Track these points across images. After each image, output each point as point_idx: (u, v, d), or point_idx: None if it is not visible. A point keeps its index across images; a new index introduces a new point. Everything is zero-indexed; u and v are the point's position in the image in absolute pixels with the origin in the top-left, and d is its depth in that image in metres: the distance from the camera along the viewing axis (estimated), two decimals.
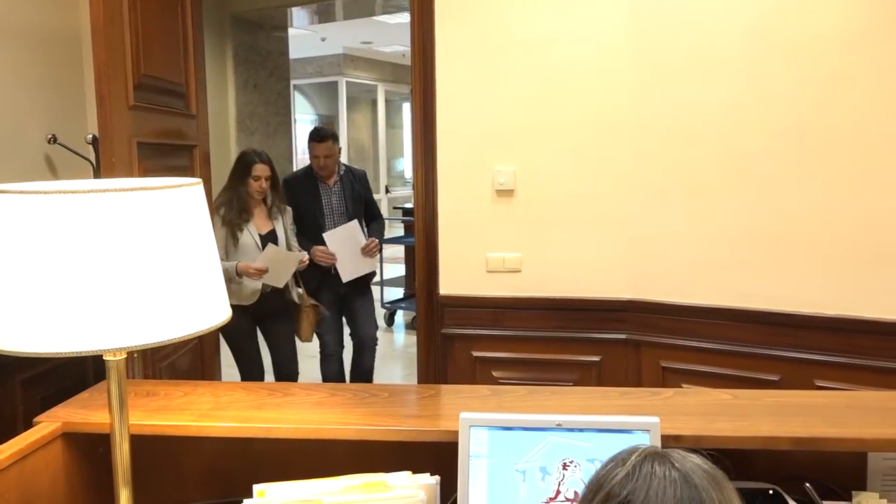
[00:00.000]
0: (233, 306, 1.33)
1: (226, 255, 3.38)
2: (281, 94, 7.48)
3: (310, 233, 3.75)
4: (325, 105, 12.62)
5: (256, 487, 1.34)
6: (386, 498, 1.30)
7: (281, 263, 3.50)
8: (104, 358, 1.21)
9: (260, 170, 3.44)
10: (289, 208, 3.71)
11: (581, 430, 1.34)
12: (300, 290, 3.66)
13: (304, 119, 12.90)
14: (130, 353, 1.62)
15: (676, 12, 2.70)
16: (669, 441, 1.36)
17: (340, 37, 10.19)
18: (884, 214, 2.54)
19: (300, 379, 4.08)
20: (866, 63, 2.50)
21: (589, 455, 1.33)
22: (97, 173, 3.04)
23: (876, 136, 2.50)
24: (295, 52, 8.60)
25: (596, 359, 2.88)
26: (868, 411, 1.58)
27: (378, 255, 4.14)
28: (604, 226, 2.86)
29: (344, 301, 3.96)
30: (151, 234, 1.13)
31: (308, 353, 4.31)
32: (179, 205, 1.18)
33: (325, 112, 12.71)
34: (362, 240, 3.83)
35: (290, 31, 8.06)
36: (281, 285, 3.51)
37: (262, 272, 3.37)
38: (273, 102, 7.36)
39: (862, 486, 1.48)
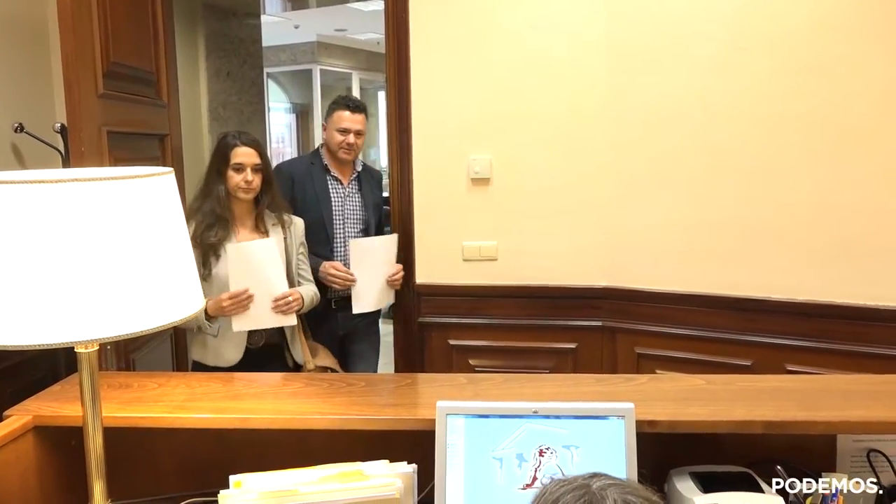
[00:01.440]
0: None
1: None
2: (254, 82, 7.39)
3: (310, 242, 2.64)
4: (299, 93, 12.50)
5: (233, 478, 1.33)
6: (362, 487, 1.30)
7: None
8: (76, 350, 1.20)
9: (242, 155, 2.36)
10: (298, 220, 2.56)
11: (557, 416, 1.35)
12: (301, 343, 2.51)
13: (277, 107, 12.79)
14: (103, 345, 1.60)
15: (652, 4, 2.71)
16: (644, 426, 1.37)
17: (314, 24, 10.09)
18: (853, 204, 2.59)
19: None
20: (837, 56, 2.53)
21: (565, 441, 1.34)
22: (66, 163, 2.98)
23: (846, 128, 2.53)
24: (268, 39, 8.49)
25: (572, 346, 2.90)
26: (837, 395, 1.61)
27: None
28: (579, 214, 2.88)
29: (343, 344, 2.90)
30: (123, 224, 1.12)
31: None
32: (151, 194, 1.17)
33: (300, 100, 12.60)
34: (393, 262, 2.78)
35: (263, 18, 7.96)
36: (290, 323, 2.39)
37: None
38: (246, 91, 7.27)
39: (831, 468, 1.51)
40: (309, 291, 2.49)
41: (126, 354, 2.64)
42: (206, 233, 2.33)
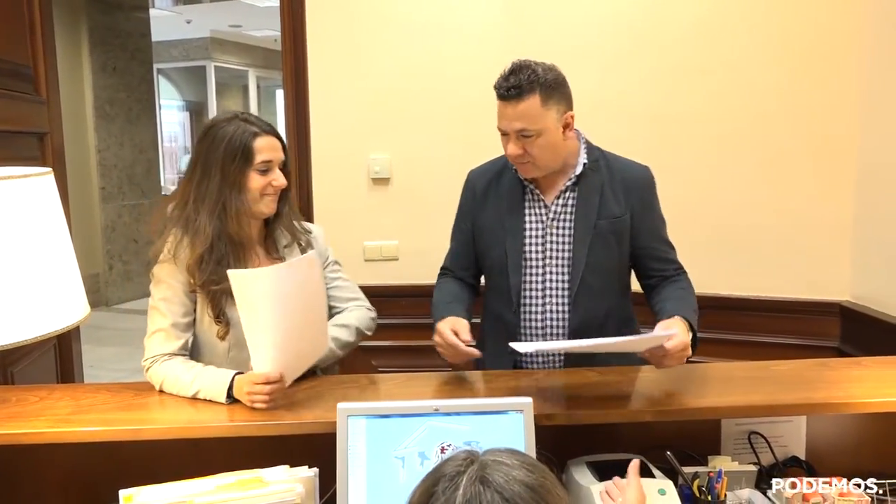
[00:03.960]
0: None
1: (186, 346, 1.69)
2: (143, 78, 7.11)
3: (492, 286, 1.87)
4: (192, 91, 12.09)
5: (123, 493, 1.27)
6: (262, 494, 1.27)
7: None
8: None
9: (268, 149, 1.67)
10: (316, 229, 1.90)
11: (458, 413, 1.36)
12: None
13: (169, 105, 12.33)
14: None
15: (546, 4, 2.79)
16: (542, 419, 1.41)
17: (207, 19, 9.79)
18: (733, 200, 2.76)
19: None
20: (718, 57, 2.69)
21: (466, 438, 1.35)
22: None
23: (726, 126, 2.70)
24: (158, 34, 8.18)
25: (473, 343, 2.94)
26: (720, 382, 1.70)
27: None
28: None
29: None
30: None
31: None
32: (27, 196, 1.10)
33: (193, 98, 12.20)
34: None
35: (153, 12, 7.66)
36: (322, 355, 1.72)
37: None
38: (135, 87, 6.98)
39: (717, 451, 1.60)
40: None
41: (3, 367, 2.48)
42: (218, 268, 1.62)
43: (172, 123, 12.77)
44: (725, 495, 1.39)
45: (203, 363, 1.65)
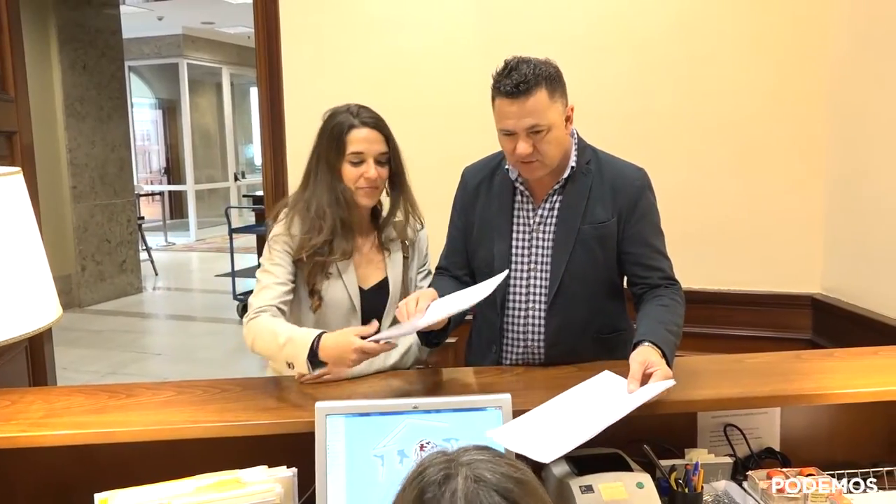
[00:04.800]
0: None
1: (288, 312, 1.76)
2: (114, 75, 7.01)
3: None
4: (165, 88, 11.95)
5: (98, 496, 1.26)
6: (240, 495, 1.26)
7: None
8: None
9: (361, 140, 1.75)
10: (422, 235, 1.96)
11: (437, 411, 1.36)
12: None
13: (141, 103, 12.17)
14: None
15: (522, 3, 2.79)
16: (520, 415, 1.41)
17: (179, 16, 9.67)
18: (706, 195, 2.78)
19: None
20: (693, 55, 2.72)
21: (445, 435, 1.35)
22: None
23: (701, 123, 2.73)
24: (129, 31, 8.07)
25: (452, 340, 2.93)
26: (696, 375, 1.71)
27: None
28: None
29: None
30: None
31: None
32: None
33: (166, 96, 12.05)
34: None
35: (123, 8, 7.55)
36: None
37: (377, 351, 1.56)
38: (106, 85, 6.88)
39: (693, 444, 1.61)
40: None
41: None
42: (323, 248, 1.73)
43: (145, 122, 12.61)
44: (702, 487, 1.40)
45: None
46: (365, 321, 1.76)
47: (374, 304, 1.82)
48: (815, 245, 2.74)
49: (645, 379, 1.44)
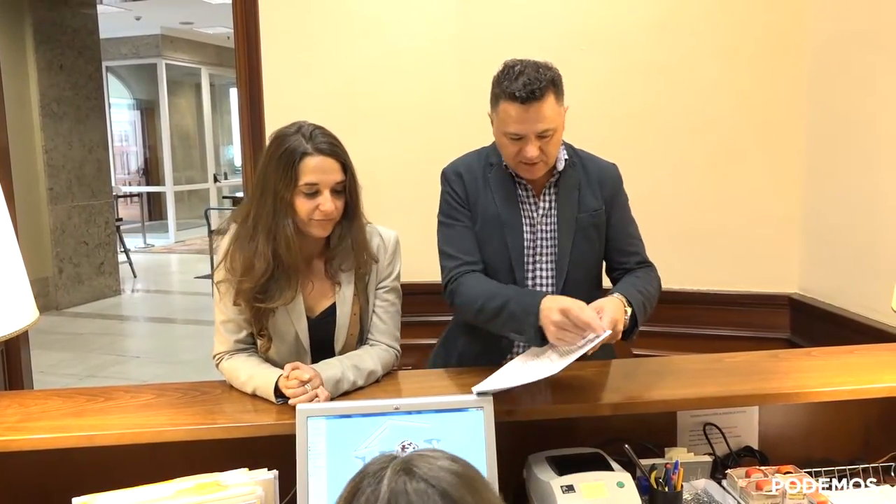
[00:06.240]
0: None
1: (231, 344, 1.68)
2: (92, 76, 6.93)
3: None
4: (143, 89, 11.85)
5: (77, 500, 1.24)
6: (221, 498, 1.25)
7: None
8: None
9: (316, 171, 1.57)
10: (390, 240, 1.81)
11: (419, 411, 1.36)
12: None
13: (119, 103, 12.05)
14: None
15: (501, 4, 2.80)
16: (502, 415, 1.42)
17: (157, 16, 9.59)
18: (684, 196, 2.81)
19: None
20: (668, 55, 2.74)
21: (427, 436, 1.35)
22: None
23: (677, 123, 2.74)
24: (106, 31, 7.99)
25: (433, 341, 2.94)
26: (675, 375, 1.73)
27: None
28: (434, 208, 2.92)
29: None
30: None
31: None
32: None
33: (144, 96, 11.95)
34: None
35: (100, 7, 7.48)
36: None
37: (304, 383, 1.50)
38: (83, 85, 6.81)
39: (673, 442, 1.63)
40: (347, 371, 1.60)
41: None
42: (262, 295, 1.60)
43: (123, 122, 12.49)
44: (682, 486, 1.42)
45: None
46: (314, 351, 1.68)
47: (322, 332, 1.68)
48: (792, 245, 2.78)
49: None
